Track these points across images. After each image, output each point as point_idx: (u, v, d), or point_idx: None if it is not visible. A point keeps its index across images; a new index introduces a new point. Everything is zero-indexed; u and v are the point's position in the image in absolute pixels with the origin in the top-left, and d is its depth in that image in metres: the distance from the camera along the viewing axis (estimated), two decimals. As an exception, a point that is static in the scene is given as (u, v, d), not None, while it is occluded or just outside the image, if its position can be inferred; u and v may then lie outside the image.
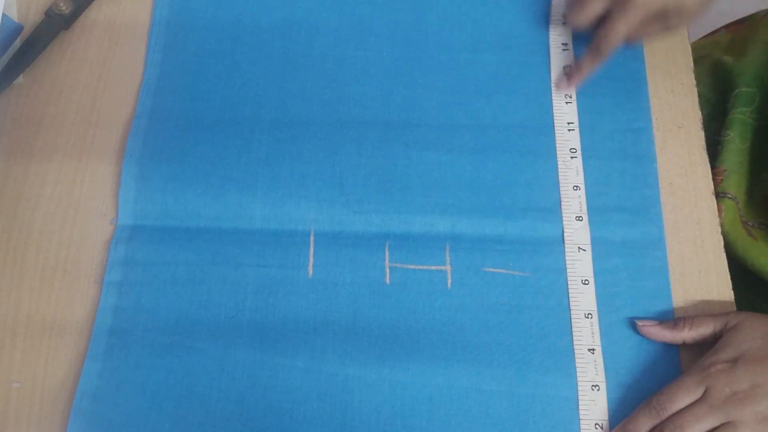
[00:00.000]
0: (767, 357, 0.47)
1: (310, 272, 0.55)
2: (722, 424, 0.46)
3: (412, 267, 0.55)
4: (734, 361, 0.47)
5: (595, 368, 0.52)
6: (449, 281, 0.55)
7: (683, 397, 0.48)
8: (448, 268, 0.55)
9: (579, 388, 0.51)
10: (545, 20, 0.64)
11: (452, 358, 0.52)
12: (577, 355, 0.52)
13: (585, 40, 0.62)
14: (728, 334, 0.50)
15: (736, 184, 0.61)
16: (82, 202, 0.59)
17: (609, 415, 0.50)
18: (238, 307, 0.54)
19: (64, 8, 0.63)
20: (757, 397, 0.46)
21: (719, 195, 0.59)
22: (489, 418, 0.51)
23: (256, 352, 0.53)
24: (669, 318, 0.53)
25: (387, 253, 0.56)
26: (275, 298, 0.54)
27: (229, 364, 0.52)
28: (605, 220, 0.56)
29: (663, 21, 0.56)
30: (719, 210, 0.57)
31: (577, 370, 0.52)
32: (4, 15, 0.62)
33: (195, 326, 0.54)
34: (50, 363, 0.54)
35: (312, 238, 0.56)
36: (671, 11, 0.55)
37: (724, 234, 0.57)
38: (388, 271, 0.55)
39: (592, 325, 0.53)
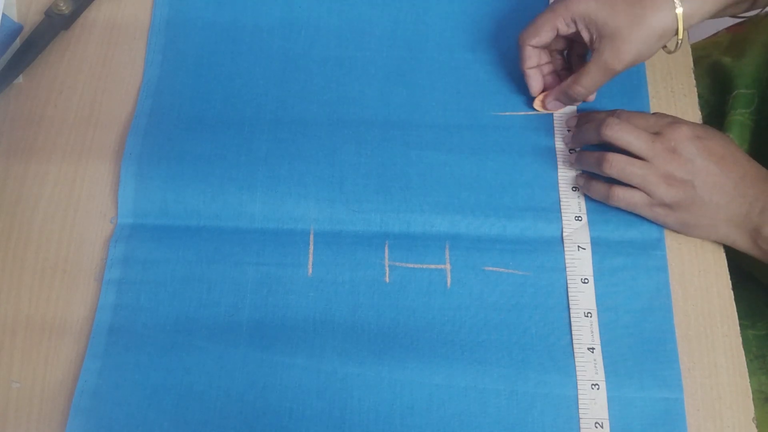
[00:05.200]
0: (714, 154, 0.52)
1: (310, 271, 0.55)
2: (644, 157, 0.52)
3: (412, 266, 0.55)
4: (693, 138, 0.52)
5: (595, 367, 0.52)
6: (449, 280, 0.55)
7: (642, 125, 0.53)
8: (447, 266, 0.55)
9: (579, 386, 0.51)
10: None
11: (451, 357, 0.52)
12: (576, 354, 0.52)
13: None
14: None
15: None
16: (81, 202, 0.59)
17: (609, 414, 0.50)
18: (237, 306, 0.54)
19: (64, 8, 0.63)
20: (681, 164, 0.52)
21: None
22: (488, 416, 0.51)
23: (256, 350, 0.53)
24: (670, 322, 0.53)
25: (387, 251, 0.56)
26: (275, 296, 0.54)
27: (228, 362, 0.52)
28: (605, 220, 0.56)
29: (597, 55, 0.53)
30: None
31: (577, 368, 0.52)
32: (4, 15, 0.62)
33: (194, 324, 0.54)
34: (50, 362, 0.54)
35: (312, 236, 0.56)
36: (602, 28, 0.52)
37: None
38: (387, 269, 0.55)
39: (591, 324, 0.53)
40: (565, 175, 0.58)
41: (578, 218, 0.56)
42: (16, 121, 0.61)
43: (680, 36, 0.52)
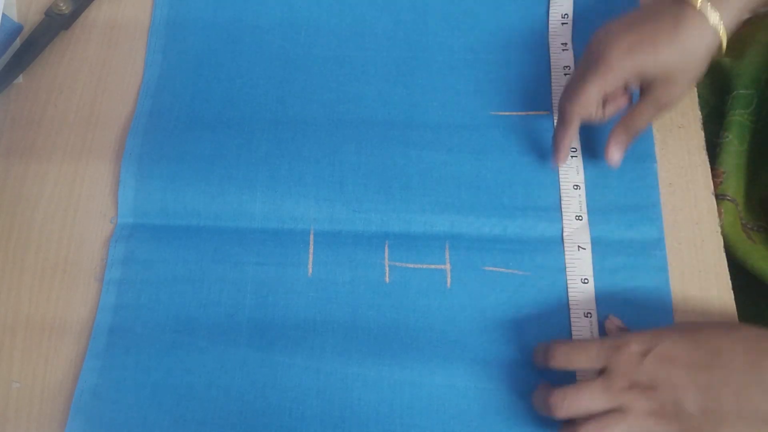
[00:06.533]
0: (673, 358, 0.46)
1: (310, 271, 0.55)
2: (611, 409, 0.46)
3: (412, 266, 0.55)
4: (643, 354, 0.46)
5: None
6: (449, 280, 0.55)
7: (584, 363, 0.48)
8: (447, 266, 0.55)
9: None
10: (545, 20, 0.64)
11: (451, 357, 0.52)
12: None
13: (586, 41, 0.62)
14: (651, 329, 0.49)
15: (735, 186, 0.61)
16: (81, 202, 0.59)
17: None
18: (237, 306, 0.54)
19: (64, 8, 0.63)
20: (653, 393, 0.45)
21: (719, 197, 0.59)
22: (488, 416, 0.51)
23: (256, 350, 0.53)
24: (670, 323, 0.53)
25: (386, 251, 0.56)
26: (275, 296, 0.55)
27: (228, 362, 0.52)
28: (605, 220, 0.56)
29: (650, 94, 0.52)
30: (719, 212, 0.57)
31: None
32: (4, 15, 0.62)
33: (194, 324, 0.54)
34: (50, 362, 0.54)
35: (312, 236, 0.56)
36: (652, 76, 0.51)
37: (724, 236, 0.57)
38: (387, 269, 0.55)
39: (591, 324, 0.53)
40: (566, 175, 0.58)
41: (579, 217, 0.56)
42: (16, 121, 0.61)
43: (724, 48, 0.51)
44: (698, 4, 0.49)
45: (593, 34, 0.54)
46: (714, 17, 0.49)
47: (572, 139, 0.55)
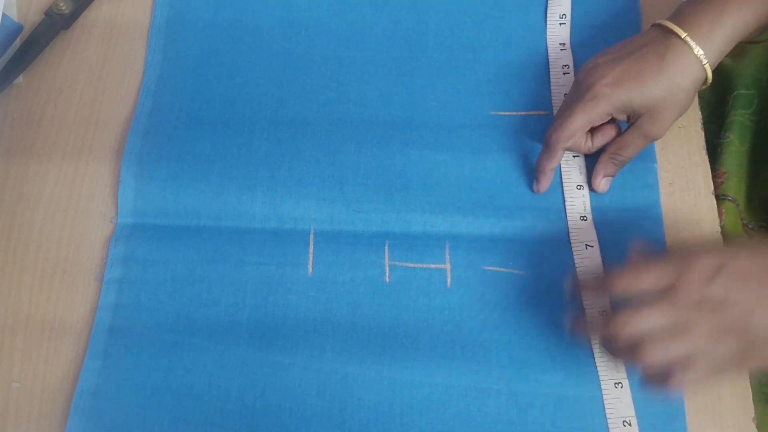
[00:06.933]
0: (748, 276, 0.44)
1: (310, 270, 0.55)
2: (675, 324, 0.45)
3: (412, 265, 0.55)
4: (716, 269, 0.44)
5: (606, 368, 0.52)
6: (449, 280, 0.55)
7: (651, 281, 0.46)
8: (447, 266, 0.55)
9: (603, 387, 0.51)
10: (543, 20, 0.64)
11: (451, 357, 0.52)
12: (597, 355, 0.52)
13: (584, 41, 0.62)
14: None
15: (736, 186, 0.61)
16: (81, 202, 0.59)
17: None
18: (237, 305, 0.54)
19: (64, 8, 0.63)
20: (721, 313, 0.44)
21: (720, 197, 0.59)
22: (488, 416, 0.51)
23: (256, 350, 0.53)
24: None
25: (387, 251, 0.56)
26: (275, 296, 0.55)
27: (228, 361, 0.52)
28: (606, 221, 0.56)
29: (637, 127, 0.53)
30: (720, 213, 0.57)
31: (599, 370, 0.51)
32: (4, 15, 0.62)
33: (194, 324, 0.54)
34: (50, 362, 0.54)
35: (312, 236, 0.56)
36: (639, 109, 0.52)
37: (725, 237, 0.57)
38: (387, 269, 0.55)
39: None
40: (568, 175, 0.58)
41: (584, 218, 0.56)
42: (16, 121, 0.62)
43: (709, 81, 0.52)
44: (684, 35, 0.51)
45: (583, 65, 0.55)
46: (698, 50, 0.50)
47: (555, 167, 0.56)
